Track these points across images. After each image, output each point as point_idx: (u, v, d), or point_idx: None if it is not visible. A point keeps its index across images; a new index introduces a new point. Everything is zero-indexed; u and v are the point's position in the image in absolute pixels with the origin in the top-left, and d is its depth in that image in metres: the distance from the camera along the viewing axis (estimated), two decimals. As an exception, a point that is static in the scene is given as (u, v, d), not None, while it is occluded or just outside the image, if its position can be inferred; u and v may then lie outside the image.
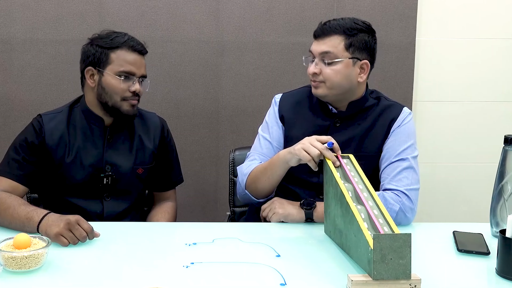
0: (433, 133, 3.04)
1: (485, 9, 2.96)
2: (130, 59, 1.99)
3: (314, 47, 1.98)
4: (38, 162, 1.99)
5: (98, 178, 2.03)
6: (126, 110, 2.00)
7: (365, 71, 1.99)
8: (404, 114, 2.02)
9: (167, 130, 2.20)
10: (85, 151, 2.02)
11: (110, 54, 1.99)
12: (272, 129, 2.09)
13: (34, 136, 1.99)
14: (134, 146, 2.09)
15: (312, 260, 1.60)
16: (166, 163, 2.19)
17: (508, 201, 1.73)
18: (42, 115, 2.04)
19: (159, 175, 2.18)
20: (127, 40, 2.00)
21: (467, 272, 1.54)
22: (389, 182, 1.92)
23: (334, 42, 1.94)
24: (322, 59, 1.95)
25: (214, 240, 1.74)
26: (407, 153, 1.95)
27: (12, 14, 2.80)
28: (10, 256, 1.46)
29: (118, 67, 1.98)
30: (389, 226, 1.50)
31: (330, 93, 1.97)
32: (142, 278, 1.45)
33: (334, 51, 1.93)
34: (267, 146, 2.08)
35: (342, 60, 1.93)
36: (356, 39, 1.95)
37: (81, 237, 1.65)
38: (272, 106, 2.13)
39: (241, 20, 2.86)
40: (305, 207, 1.89)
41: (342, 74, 1.94)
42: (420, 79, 2.99)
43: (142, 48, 2.02)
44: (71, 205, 2.02)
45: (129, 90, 1.98)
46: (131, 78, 1.99)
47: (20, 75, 2.85)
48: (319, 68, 1.95)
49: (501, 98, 3.04)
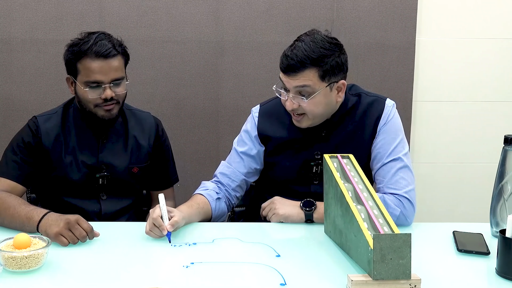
0: (433, 133, 3.04)
1: (485, 9, 2.96)
2: (94, 67, 1.91)
3: (287, 82, 1.86)
4: (35, 162, 1.99)
5: (93, 178, 2.03)
6: (102, 115, 1.97)
7: (342, 90, 1.91)
8: (388, 109, 1.96)
9: (162, 129, 2.19)
10: (80, 151, 2.02)
11: (76, 64, 1.94)
12: (246, 144, 2.05)
13: (31, 137, 1.99)
14: (129, 146, 2.09)
15: (312, 260, 1.60)
16: (162, 162, 2.19)
17: (508, 201, 1.73)
18: (37, 117, 2.04)
19: (155, 174, 2.18)
20: (91, 46, 1.91)
21: (467, 272, 1.54)
22: (387, 185, 1.90)
23: (307, 76, 1.83)
24: (298, 92, 1.86)
25: (214, 240, 1.74)
26: (398, 151, 1.93)
27: (12, 14, 2.80)
28: (10, 256, 1.46)
29: (84, 78, 1.93)
30: (389, 226, 1.50)
31: (313, 122, 1.92)
32: (142, 278, 1.45)
33: (310, 84, 1.83)
34: (237, 160, 2.05)
35: (319, 91, 1.85)
36: (329, 66, 1.83)
37: (80, 237, 1.65)
38: (251, 123, 2.07)
39: (241, 20, 2.86)
40: (305, 208, 1.89)
41: (322, 104, 1.87)
42: (420, 79, 2.99)
43: (109, 51, 1.91)
44: (69, 205, 2.02)
45: (100, 97, 1.94)
46: (100, 86, 1.92)
47: (20, 75, 2.84)
48: (297, 103, 1.87)
49: (501, 98, 3.04)
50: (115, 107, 1.98)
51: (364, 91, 2.03)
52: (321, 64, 1.83)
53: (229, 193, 2.03)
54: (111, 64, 1.93)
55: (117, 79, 1.95)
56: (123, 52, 1.98)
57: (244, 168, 2.04)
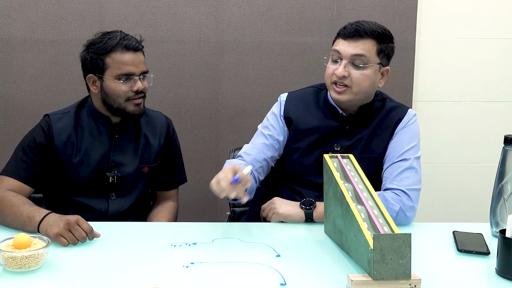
0: (433, 133, 3.04)
1: (485, 9, 2.96)
2: (126, 60, 1.96)
3: (345, 48, 1.91)
4: (45, 162, 2.00)
5: (103, 176, 2.03)
6: (132, 110, 2.01)
7: (384, 77, 1.99)
8: (409, 116, 2.02)
9: (173, 129, 2.21)
10: (92, 150, 2.03)
11: (105, 59, 1.97)
12: (272, 127, 2.06)
13: (43, 137, 2.00)
14: (140, 145, 2.10)
15: (312, 260, 1.60)
16: (170, 162, 2.20)
17: (508, 201, 1.73)
18: (50, 115, 2.04)
19: (163, 174, 2.19)
20: (120, 40, 1.96)
21: (467, 272, 1.54)
22: (391, 181, 1.92)
23: (368, 45, 1.90)
24: (352, 61, 1.90)
25: (214, 240, 1.74)
26: (410, 153, 1.95)
27: (12, 14, 2.80)
28: (10, 256, 1.46)
29: (116, 71, 1.96)
30: (389, 226, 1.50)
31: (354, 98, 1.94)
32: (142, 278, 1.45)
33: (367, 55, 1.90)
34: (263, 140, 2.04)
35: (372, 65, 1.91)
36: (386, 46, 1.94)
37: (80, 238, 1.66)
38: (277, 106, 2.09)
39: (241, 20, 2.86)
40: (305, 207, 1.89)
41: (370, 79, 1.92)
42: (420, 79, 2.99)
43: (137, 45, 1.99)
44: (77, 204, 2.03)
45: (132, 90, 1.98)
46: (132, 78, 1.98)
47: (20, 75, 2.85)
48: (348, 71, 1.91)
49: (501, 98, 3.04)
50: (142, 101, 2.03)
51: (389, 97, 2.08)
52: (382, 41, 1.92)
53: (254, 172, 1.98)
54: (140, 57, 2.00)
55: (145, 72, 2.02)
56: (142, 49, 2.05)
57: (269, 151, 2.03)
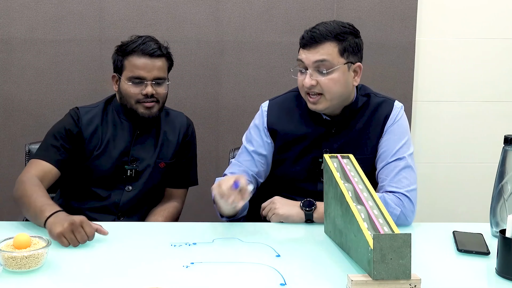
0: (433, 133, 3.04)
1: (485, 9, 2.96)
2: (139, 64, 2.05)
3: (306, 57, 1.88)
4: (73, 150, 2.07)
5: (122, 169, 2.10)
6: (142, 113, 2.08)
7: (358, 74, 1.94)
8: (396, 110, 1.99)
9: (193, 131, 2.27)
10: (113, 144, 2.11)
11: (124, 61, 2.08)
12: (256, 142, 2.04)
13: (74, 125, 2.09)
14: (159, 141, 2.17)
15: (312, 260, 1.60)
16: (185, 161, 2.25)
17: (508, 201, 1.73)
18: (79, 108, 2.13)
19: (176, 172, 2.24)
20: (139, 45, 2.06)
21: (467, 272, 1.54)
22: (389, 184, 1.91)
23: (327, 49, 1.86)
24: (317, 69, 1.88)
25: (214, 240, 1.74)
26: (403, 151, 1.94)
27: (12, 14, 2.80)
28: (10, 256, 1.46)
29: (129, 73, 2.06)
30: (389, 226, 1.50)
31: (330, 105, 1.92)
32: (142, 278, 1.45)
33: (329, 58, 1.86)
34: (247, 158, 2.03)
35: (338, 67, 1.87)
36: (348, 43, 1.88)
37: (82, 241, 1.65)
38: (260, 117, 2.06)
39: (241, 20, 2.86)
40: (305, 208, 1.89)
41: (340, 82, 1.88)
42: (420, 79, 2.99)
43: (155, 51, 2.06)
44: (93, 194, 2.10)
45: (141, 93, 2.05)
46: (142, 82, 2.05)
47: (20, 75, 2.85)
48: (315, 79, 1.88)
49: (501, 98, 3.04)
50: (155, 106, 2.09)
51: (373, 91, 2.05)
52: (341, 39, 1.87)
53: None
54: (155, 63, 2.07)
55: (159, 78, 2.08)
56: (167, 56, 2.12)
57: (255, 167, 2.03)
